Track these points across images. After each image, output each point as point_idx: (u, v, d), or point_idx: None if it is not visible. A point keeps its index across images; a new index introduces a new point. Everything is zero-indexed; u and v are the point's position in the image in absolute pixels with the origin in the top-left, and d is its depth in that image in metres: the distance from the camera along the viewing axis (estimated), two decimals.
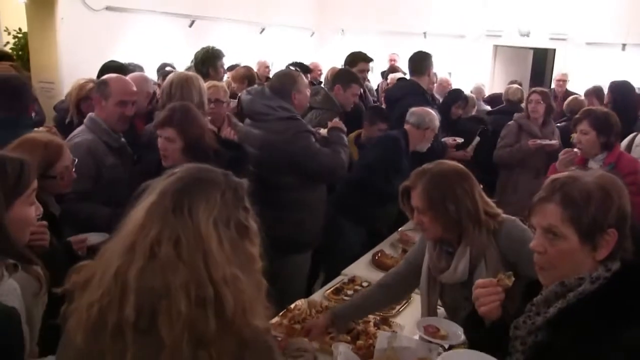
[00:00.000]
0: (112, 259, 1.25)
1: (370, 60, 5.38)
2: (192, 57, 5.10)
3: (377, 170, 3.86)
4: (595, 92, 6.06)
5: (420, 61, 5.02)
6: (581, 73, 9.17)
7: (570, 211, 1.50)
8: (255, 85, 4.52)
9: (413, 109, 4.13)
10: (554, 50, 10.31)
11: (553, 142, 4.81)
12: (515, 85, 6.61)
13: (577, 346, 1.49)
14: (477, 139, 5.23)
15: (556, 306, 1.56)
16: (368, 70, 5.33)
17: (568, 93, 7.59)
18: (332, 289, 3.02)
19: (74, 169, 2.56)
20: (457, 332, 2.21)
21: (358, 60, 5.25)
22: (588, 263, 1.53)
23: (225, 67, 5.41)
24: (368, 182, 3.86)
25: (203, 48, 4.93)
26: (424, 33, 10.45)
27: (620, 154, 3.62)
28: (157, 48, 7.42)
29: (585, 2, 9.39)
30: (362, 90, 5.00)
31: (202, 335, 1.20)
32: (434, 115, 4.16)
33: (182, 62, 6.25)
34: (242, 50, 9.11)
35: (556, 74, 8.02)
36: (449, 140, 4.98)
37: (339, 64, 5.80)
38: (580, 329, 1.50)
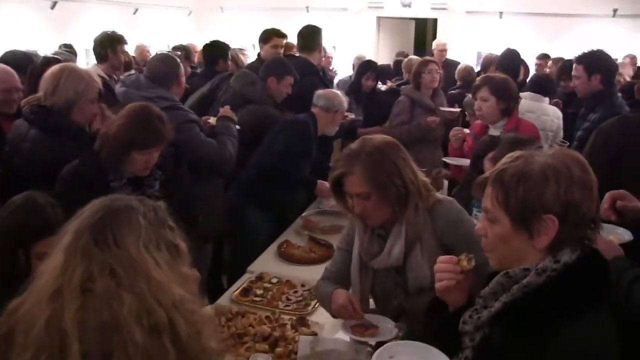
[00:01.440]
0: (34, 312, 1.10)
1: (284, 36, 4.98)
2: (56, 43, 4.62)
3: (287, 157, 3.55)
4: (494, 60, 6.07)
5: (311, 36, 4.76)
6: (462, 41, 9.42)
7: (497, 192, 1.37)
8: (132, 72, 4.01)
9: (320, 92, 3.86)
10: (435, 20, 10.49)
11: (454, 109, 4.72)
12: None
13: (521, 344, 1.32)
14: None
15: (501, 300, 1.38)
16: (282, 46, 4.96)
17: (447, 61, 7.65)
18: (239, 290, 2.70)
19: None
20: (388, 326, 2.02)
21: (272, 36, 4.90)
22: (531, 253, 1.37)
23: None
24: (279, 168, 3.55)
25: (102, 32, 4.60)
26: (307, 7, 10.23)
27: (518, 119, 3.57)
28: (13, 34, 6.60)
29: None
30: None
31: None
32: (342, 96, 3.92)
33: (45, 50, 5.59)
34: None
35: (436, 43, 8.05)
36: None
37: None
38: (524, 325, 1.33)
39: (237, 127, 3.60)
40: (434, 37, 10.42)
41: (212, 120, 3.59)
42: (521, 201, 1.32)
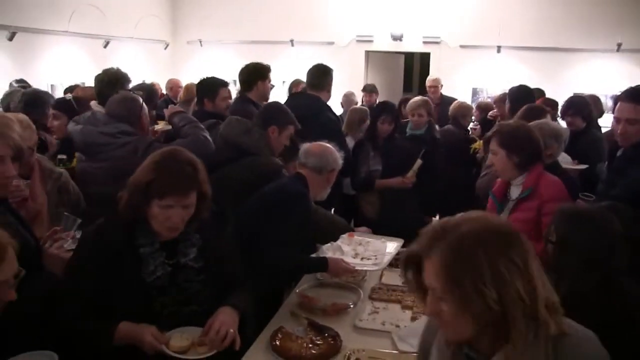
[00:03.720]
0: None
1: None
2: (11, 78, 4.01)
3: (293, 248, 2.86)
4: (503, 99, 5.46)
5: (322, 76, 4.54)
6: (456, 76, 8.92)
7: None
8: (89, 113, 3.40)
9: (308, 148, 3.15)
10: (421, 54, 10.01)
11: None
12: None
13: None
14: (419, 161, 4.36)
15: None
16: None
17: (443, 98, 7.11)
18: None
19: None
20: None
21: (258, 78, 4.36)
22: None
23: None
24: (290, 265, 2.93)
25: (104, 70, 3.91)
26: (291, 41, 9.66)
27: (540, 175, 2.88)
28: None
29: (457, 4, 9.10)
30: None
31: None
32: (334, 150, 3.18)
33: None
34: (84, 67, 7.78)
35: (429, 79, 7.48)
36: None
37: (198, 77, 4.92)
38: None
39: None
40: (422, 72, 9.94)
41: (158, 125, 3.49)
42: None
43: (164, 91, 7.54)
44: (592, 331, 1.34)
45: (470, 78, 9.16)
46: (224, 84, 4.24)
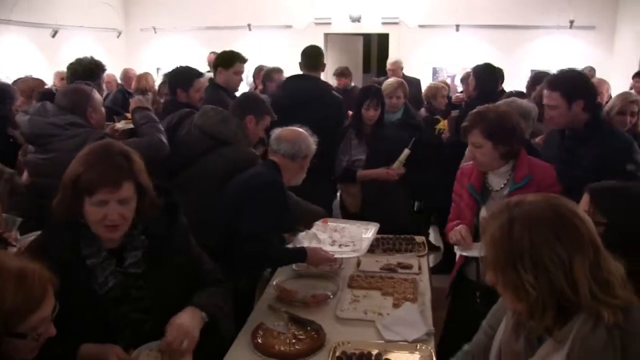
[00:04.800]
0: None
1: (246, 60, 4.40)
2: None
3: (268, 238, 2.72)
4: (468, 77, 5.44)
5: (318, 56, 4.46)
6: (416, 56, 8.91)
7: None
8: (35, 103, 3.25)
9: (279, 134, 2.99)
10: (379, 35, 9.96)
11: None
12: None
13: None
14: (407, 151, 3.95)
15: None
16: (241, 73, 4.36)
17: (406, 78, 7.04)
18: None
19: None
20: None
21: (234, 61, 4.24)
22: None
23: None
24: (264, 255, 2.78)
25: (77, 59, 3.84)
26: (249, 25, 9.47)
27: (530, 162, 2.68)
28: None
29: None
30: None
31: None
32: (307, 135, 3.02)
33: None
34: (31, 58, 7.44)
35: (390, 61, 7.39)
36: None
37: (154, 66, 4.77)
38: None
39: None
40: (380, 53, 9.89)
41: (120, 124, 3.36)
42: None
43: (119, 81, 7.29)
44: None
45: (429, 58, 9.17)
46: (199, 75, 4.03)
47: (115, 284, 1.88)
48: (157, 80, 6.68)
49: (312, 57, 4.43)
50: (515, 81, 6.15)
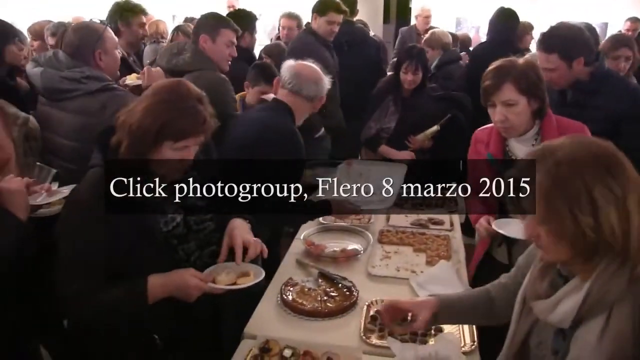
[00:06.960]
0: None
1: (345, 12, 4.42)
2: None
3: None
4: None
5: (352, 1, 4.75)
6: (439, 6, 8.55)
7: None
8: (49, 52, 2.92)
9: (298, 71, 2.67)
10: None
11: None
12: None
13: None
14: (436, 128, 3.64)
15: None
16: (339, 23, 4.35)
17: (431, 29, 6.73)
18: None
19: None
20: None
21: (329, 9, 4.32)
22: None
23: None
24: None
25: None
26: None
27: (559, 122, 2.33)
28: None
29: None
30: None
31: None
32: (320, 73, 2.73)
33: None
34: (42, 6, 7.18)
35: (419, 9, 7.05)
36: None
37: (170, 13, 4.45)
38: None
39: None
40: (400, 2, 9.47)
41: (130, 79, 3.22)
42: None
43: None
44: None
45: (453, 7, 8.80)
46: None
47: (180, 220, 1.90)
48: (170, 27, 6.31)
49: (349, 2, 4.58)
50: None
